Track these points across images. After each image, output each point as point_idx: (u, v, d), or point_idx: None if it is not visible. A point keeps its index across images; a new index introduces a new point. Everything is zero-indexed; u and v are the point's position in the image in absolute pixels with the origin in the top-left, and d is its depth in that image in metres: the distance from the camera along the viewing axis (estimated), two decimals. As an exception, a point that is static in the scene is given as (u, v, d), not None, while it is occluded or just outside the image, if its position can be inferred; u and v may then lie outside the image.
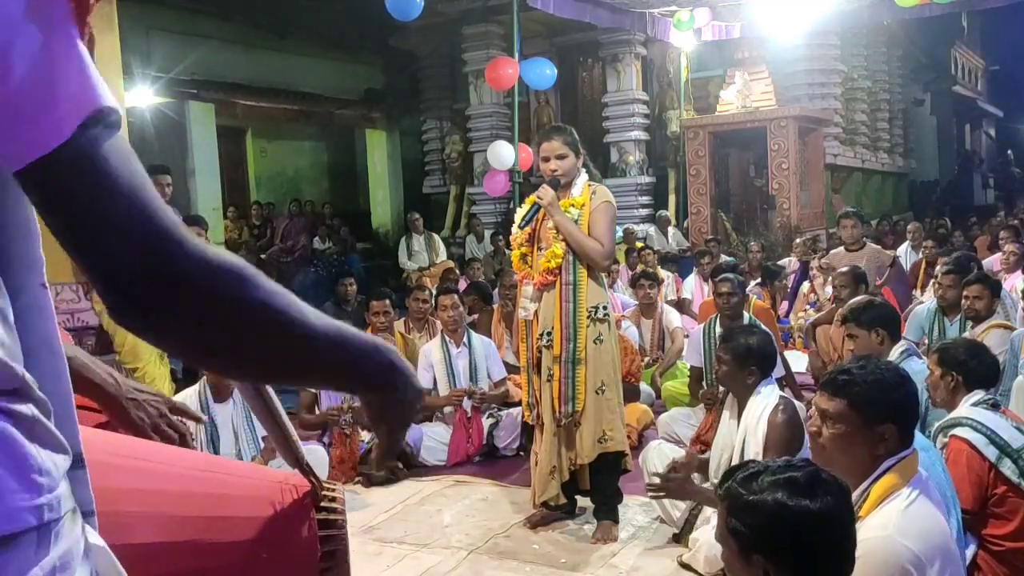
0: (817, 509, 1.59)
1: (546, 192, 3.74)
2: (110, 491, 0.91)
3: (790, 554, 1.60)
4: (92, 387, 1.35)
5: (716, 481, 3.09)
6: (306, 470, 1.19)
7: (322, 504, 1.16)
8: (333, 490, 1.18)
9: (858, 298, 4.88)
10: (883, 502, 1.96)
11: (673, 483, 3.33)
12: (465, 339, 5.45)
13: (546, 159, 3.80)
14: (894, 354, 3.78)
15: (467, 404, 5.19)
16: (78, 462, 0.83)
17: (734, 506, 1.65)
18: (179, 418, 1.43)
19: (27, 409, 0.75)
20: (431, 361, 5.38)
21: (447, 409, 5.33)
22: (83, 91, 0.75)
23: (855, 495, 2.01)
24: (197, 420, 1.55)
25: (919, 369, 3.41)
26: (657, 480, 3.46)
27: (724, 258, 9.79)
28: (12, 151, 0.72)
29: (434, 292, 7.94)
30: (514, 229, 3.96)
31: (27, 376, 0.76)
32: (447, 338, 5.46)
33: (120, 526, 0.94)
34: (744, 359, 3.45)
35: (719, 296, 5.29)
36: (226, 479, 1.17)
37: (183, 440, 1.42)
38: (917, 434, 2.71)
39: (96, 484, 0.86)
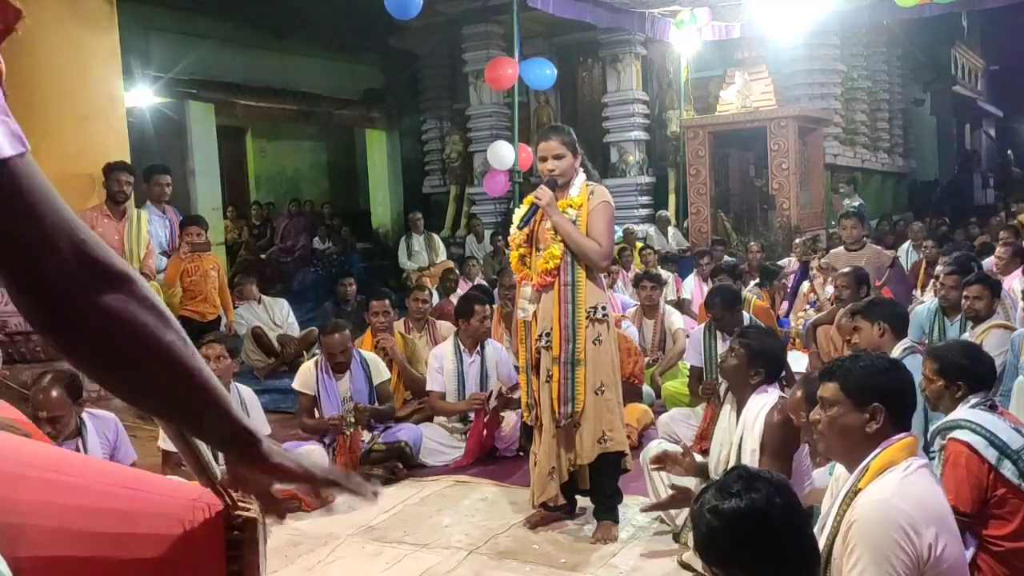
0: (744, 505, 1.65)
1: (544, 192, 3.73)
2: (17, 502, 0.93)
3: (735, 555, 1.66)
4: None
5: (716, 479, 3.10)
6: (219, 489, 1.18)
7: (233, 523, 1.16)
8: (248, 508, 1.17)
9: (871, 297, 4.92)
10: (882, 474, 2.05)
11: (675, 497, 3.35)
12: (478, 346, 5.37)
13: (544, 159, 3.80)
14: (896, 351, 3.78)
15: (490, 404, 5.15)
16: None
17: (693, 525, 1.76)
18: None
19: None
20: (443, 366, 5.32)
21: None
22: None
23: (855, 472, 2.10)
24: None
25: (920, 365, 3.40)
26: (658, 482, 3.48)
27: (726, 259, 9.78)
28: None
29: (434, 292, 7.96)
30: (512, 230, 3.95)
31: None
32: (461, 345, 5.36)
33: (25, 539, 0.95)
34: (754, 358, 3.45)
35: (710, 318, 5.30)
36: (139, 495, 1.17)
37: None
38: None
39: (1, 494, 0.87)
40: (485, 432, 5.11)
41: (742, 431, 3.39)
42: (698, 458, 3.74)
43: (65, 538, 1.04)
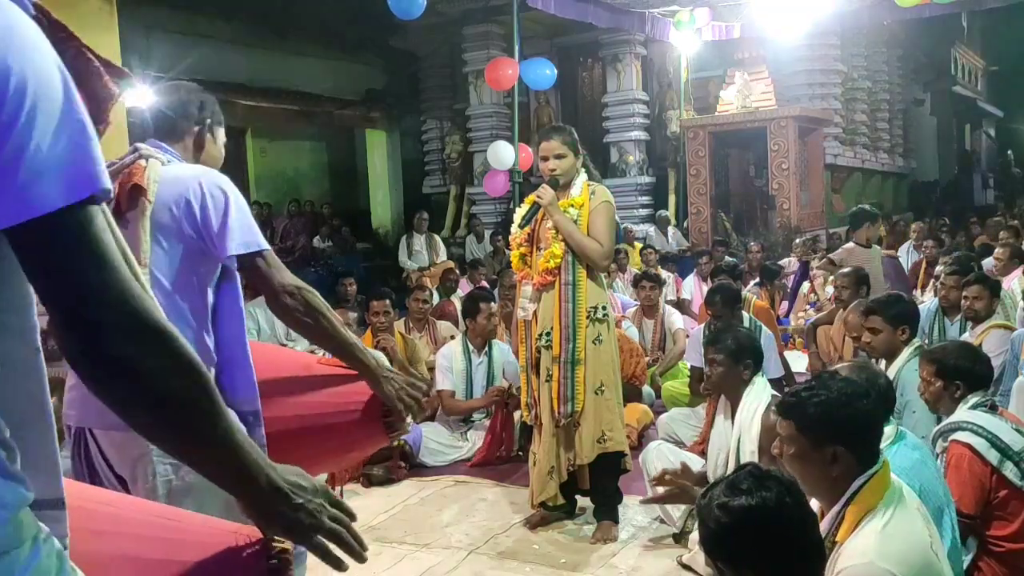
0: (755, 503, 1.64)
1: (546, 192, 3.73)
2: (82, 531, 1.05)
3: (744, 553, 1.65)
4: (360, 366, 2.12)
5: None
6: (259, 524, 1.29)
7: (273, 553, 1.25)
8: (283, 542, 1.27)
9: (887, 293, 4.85)
10: (860, 524, 1.94)
11: (673, 490, 3.33)
12: (486, 346, 5.38)
13: (545, 158, 3.79)
14: (906, 352, 3.75)
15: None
16: (59, 504, 0.97)
17: (699, 521, 1.73)
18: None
19: None
20: (452, 365, 5.31)
21: (477, 413, 5.29)
22: (85, 173, 0.89)
23: (828, 518, 2.01)
24: (425, 395, 2.35)
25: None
26: (660, 490, 3.47)
27: (727, 259, 9.77)
28: (7, 209, 0.85)
29: (434, 292, 7.95)
30: (513, 229, 3.95)
31: None
32: (470, 345, 5.36)
33: (90, 564, 1.05)
34: (738, 354, 3.45)
35: (710, 317, 5.30)
36: (183, 526, 1.29)
37: (418, 404, 2.18)
38: (908, 433, 2.70)
39: (73, 525, 0.99)
40: (503, 431, 5.09)
41: (739, 433, 3.38)
42: (697, 462, 3.74)
43: (122, 564, 1.16)
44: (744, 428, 3.35)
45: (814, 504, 2.15)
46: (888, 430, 2.49)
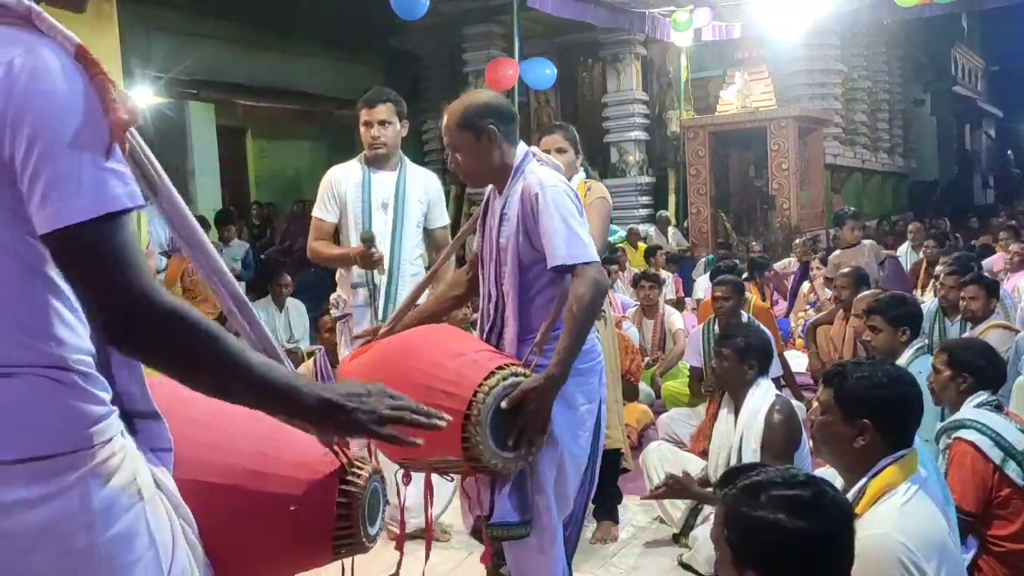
0: (816, 532, 1.56)
1: None
2: (183, 437, 1.30)
3: (783, 572, 1.58)
4: None
5: (715, 480, 3.11)
6: (334, 449, 1.49)
7: (347, 478, 1.48)
8: (361, 468, 1.50)
9: (891, 292, 4.84)
10: (880, 499, 1.98)
11: (675, 486, 3.34)
12: None
13: (546, 151, 3.78)
14: (909, 351, 3.75)
15: None
16: (155, 416, 1.27)
17: (733, 516, 1.60)
18: None
19: (67, 377, 1.15)
20: None
21: None
22: (108, 194, 1.09)
23: (852, 491, 2.04)
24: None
25: (930, 367, 3.38)
26: (657, 481, 3.47)
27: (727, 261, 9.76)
28: (48, 217, 1.07)
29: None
30: None
31: (66, 356, 1.15)
32: None
33: (187, 465, 1.32)
34: (744, 353, 3.52)
35: (715, 300, 5.30)
36: (280, 441, 1.47)
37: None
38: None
39: (181, 431, 1.30)
40: None
41: (742, 432, 3.40)
42: (696, 466, 3.74)
43: (209, 468, 1.38)
44: (747, 427, 3.38)
45: (837, 481, 2.15)
46: None
